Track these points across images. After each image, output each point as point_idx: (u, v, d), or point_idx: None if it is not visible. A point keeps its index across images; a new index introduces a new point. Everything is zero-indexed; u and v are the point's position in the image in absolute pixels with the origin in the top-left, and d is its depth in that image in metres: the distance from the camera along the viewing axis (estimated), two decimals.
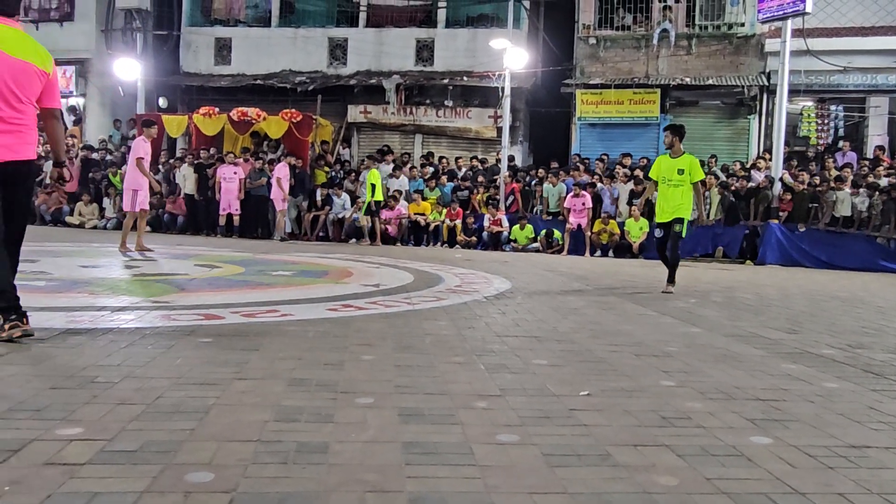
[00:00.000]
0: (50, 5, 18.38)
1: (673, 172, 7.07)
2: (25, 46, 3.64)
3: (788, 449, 2.35)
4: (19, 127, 3.62)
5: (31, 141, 3.68)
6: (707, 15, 15.39)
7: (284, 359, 3.39)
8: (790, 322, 5.36)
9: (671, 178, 7.06)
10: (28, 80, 3.64)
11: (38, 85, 3.69)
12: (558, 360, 3.65)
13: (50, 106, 3.80)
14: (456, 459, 2.15)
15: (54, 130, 3.84)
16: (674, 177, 7.05)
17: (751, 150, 15.17)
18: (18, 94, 3.60)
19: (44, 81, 3.72)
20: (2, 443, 2.11)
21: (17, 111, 3.60)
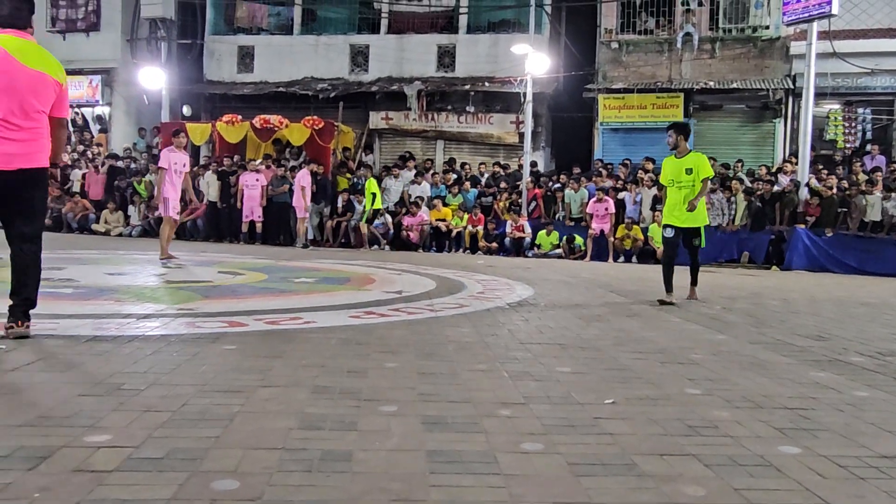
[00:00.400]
0: (77, 16, 18.76)
1: (681, 173, 6.67)
2: (41, 58, 3.75)
3: (818, 459, 2.31)
4: (35, 135, 3.72)
5: (45, 148, 3.80)
6: (731, 18, 15.23)
7: (308, 366, 3.40)
8: (818, 329, 5.27)
9: (680, 180, 6.67)
10: (44, 90, 3.74)
11: (52, 95, 3.79)
12: (582, 367, 3.62)
13: (60, 115, 3.89)
14: (480, 468, 2.13)
15: (59, 138, 3.94)
16: (682, 178, 6.65)
17: (776, 154, 14.96)
18: (35, 104, 3.70)
19: (57, 91, 3.81)
20: (31, 449, 2.13)
21: (33, 120, 3.70)
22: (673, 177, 6.75)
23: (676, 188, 6.73)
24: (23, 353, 3.47)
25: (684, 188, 6.65)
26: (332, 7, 17.92)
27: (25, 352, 3.50)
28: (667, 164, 6.93)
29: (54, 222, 15.58)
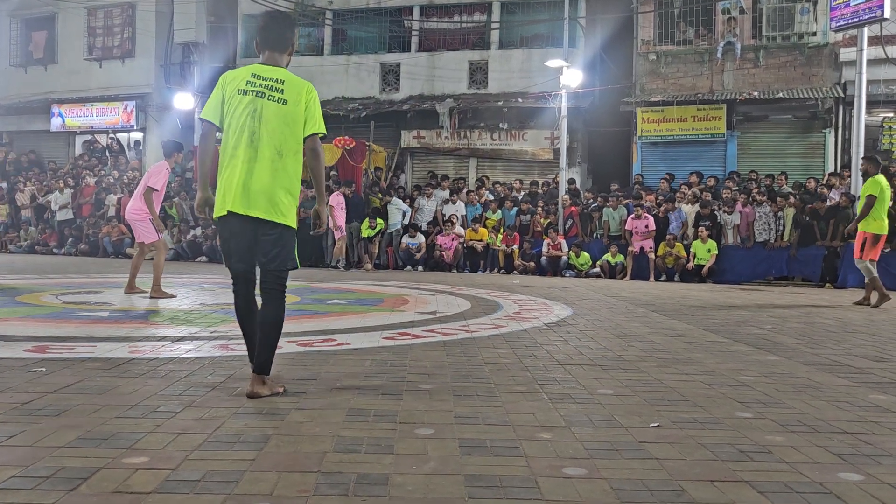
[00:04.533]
0: (113, 44, 19.40)
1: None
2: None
3: (882, 487, 2.19)
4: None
5: None
6: (775, 25, 14.91)
7: (342, 388, 3.38)
8: (878, 349, 5.03)
9: None
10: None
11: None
12: (625, 389, 3.51)
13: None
14: (521, 493, 2.08)
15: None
16: None
17: (827, 165, 14.49)
18: None
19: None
20: (72, 471, 2.18)
21: None
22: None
23: None
24: (62, 376, 3.52)
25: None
26: (362, 26, 18.13)
27: (64, 375, 3.54)
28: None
29: (91, 247, 15.96)
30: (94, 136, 19.78)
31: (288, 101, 3.25)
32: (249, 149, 3.20)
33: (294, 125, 3.27)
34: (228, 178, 3.23)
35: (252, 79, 3.28)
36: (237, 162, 3.21)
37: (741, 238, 12.55)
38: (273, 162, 3.21)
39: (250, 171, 3.20)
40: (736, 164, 14.97)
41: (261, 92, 3.25)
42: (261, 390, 3.16)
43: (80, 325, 5.35)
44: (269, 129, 3.22)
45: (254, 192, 3.19)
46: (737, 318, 6.85)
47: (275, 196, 3.21)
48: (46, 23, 20.11)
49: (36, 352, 4.14)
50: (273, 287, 3.29)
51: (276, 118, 3.23)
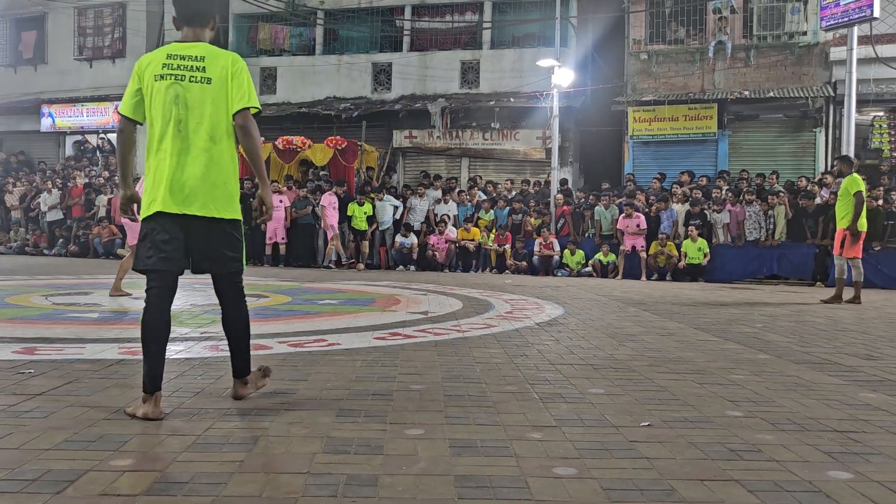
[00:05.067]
0: (103, 44, 19.32)
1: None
2: None
3: (871, 485, 2.19)
4: None
5: None
6: (765, 25, 14.95)
7: (332, 389, 3.37)
8: (867, 348, 5.06)
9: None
10: None
11: None
12: (616, 389, 3.51)
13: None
14: (511, 494, 2.08)
15: None
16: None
17: (818, 164, 14.56)
18: None
19: None
20: (59, 473, 2.17)
21: None
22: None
23: None
24: (50, 377, 3.50)
25: None
26: (353, 26, 18.10)
27: (53, 377, 3.51)
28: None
29: (81, 248, 15.87)
30: (84, 137, 19.68)
31: (213, 80, 2.91)
32: (177, 140, 2.87)
33: (224, 104, 2.93)
34: (156, 175, 2.88)
35: (168, 60, 2.91)
36: (164, 156, 2.87)
37: (732, 237, 12.60)
38: (206, 151, 2.89)
39: (181, 164, 2.86)
40: (727, 163, 15.03)
41: (180, 75, 2.90)
42: (245, 391, 3.11)
43: (70, 326, 5.31)
44: (196, 114, 2.89)
45: (188, 187, 2.86)
46: (728, 316, 6.88)
47: (213, 189, 2.89)
48: (36, 23, 20.01)
49: (24, 353, 4.11)
50: (232, 290, 3.07)
51: (202, 101, 2.90)
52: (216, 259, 2.97)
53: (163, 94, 2.88)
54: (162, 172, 2.87)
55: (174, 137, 2.87)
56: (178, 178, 2.85)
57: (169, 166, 2.86)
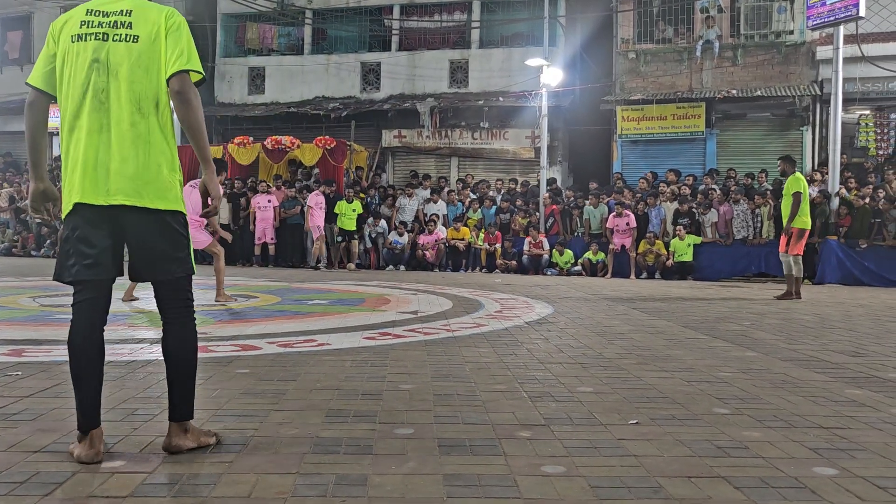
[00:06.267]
0: None
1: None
2: None
3: (856, 480, 2.22)
4: None
5: None
6: (753, 24, 15.04)
7: (322, 389, 3.37)
8: (854, 345, 5.10)
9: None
10: None
11: None
12: (605, 387, 3.53)
13: None
14: (499, 492, 2.09)
15: None
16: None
17: (805, 163, 14.66)
18: None
19: None
20: (47, 475, 2.16)
21: None
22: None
23: None
24: (38, 379, 3.48)
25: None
26: (342, 26, 18.07)
27: (41, 378, 3.50)
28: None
29: None
30: None
31: (140, 37, 2.33)
32: (97, 113, 2.32)
33: (154, 67, 2.35)
34: (72, 159, 2.34)
35: (88, 17, 2.35)
36: (81, 134, 2.32)
37: (720, 235, 12.68)
38: (134, 126, 2.32)
39: (103, 143, 2.31)
40: (715, 161, 15.11)
41: (102, 33, 2.33)
42: (183, 442, 2.40)
43: (58, 327, 5.28)
44: (119, 80, 2.32)
45: (112, 171, 2.30)
46: (716, 314, 6.92)
47: (145, 172, 2.32)
48: (22, 22, 19.85)
49: (12, 355, 4.09)
50: (176, 303, 2.45)
51: (127, 63, 2.32)
52: (154, 261, 2.39)
53: (80, 58, 2.33)
54: (78, 154, 2.32)
55: (93, 111, 2.32)
56: (99, 161, 2.31)
57: (86, 146, 2.31)
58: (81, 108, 2.33)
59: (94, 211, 2.31)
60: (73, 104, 2.34)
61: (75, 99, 2.34)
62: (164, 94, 2.37)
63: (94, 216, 2.32)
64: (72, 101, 2.35)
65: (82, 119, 2.33)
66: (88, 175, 2.31)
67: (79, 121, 2.34)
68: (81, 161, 2.32)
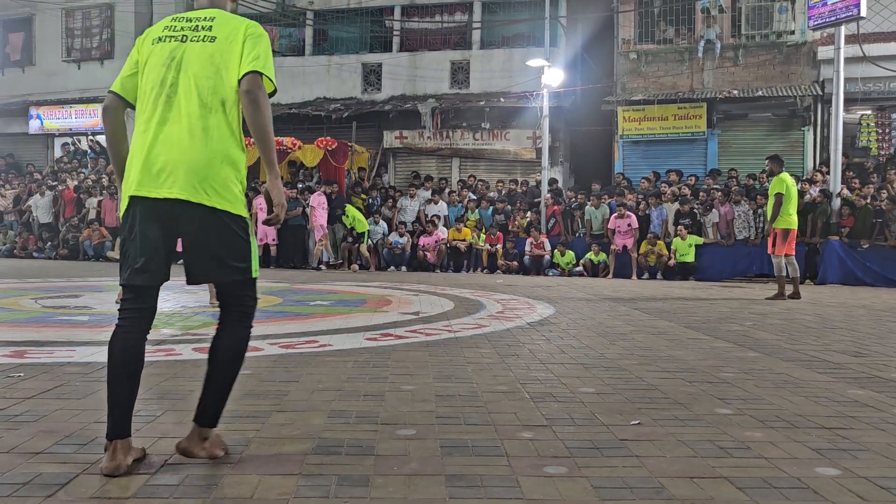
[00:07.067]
0: (91, 45, 19.20)
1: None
2: None
3: (858, 481, 2.21)
4: None
5: None
6: (754, 24, 15.03)
7: (324, 390, 3.37)
8: (856, 345, 5.09)
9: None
10: None
11: None
12: (607, 388, 3.53)
13: None
14: (502, 493, 2.09)
15: None
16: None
17: (806, 163, 14.66)
18: None
19: None
20: (49, 476, 2.16)
21: None
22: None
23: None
24: (40, 380, 3.48)
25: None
26: (343, 27, 18.08)
27: (43, 380, 3.50)
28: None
29: (71, 250, 15.79)
30: (73, 139, 19.56)
31: (217, 38, 2.30)
32: (163, 108, 2.26)
33: (227, 68, 2.28)
34: (132, 153, 2.28)
35: (173, 23, 2.37)
36: (146, 127, 2.27)
37: (721, 235, 12.67)
38: (201, 119, 2.24)
39: (164, 135, 2.23)
40: (717, 162, 15.11)
41: (182, 35, 2.32)
42: (197, 450, 2.33)
43: (60, 329, 5.29)
44: (189, 75, 2.27)
45: (170, 163, 2.21)
46: (717, 315, 6.92)
47: (206, 167, 2.22)
48: (23, 24, 19.87)
49: (14, 356, 4.09)
50: (232, 307, 2.39)
51: (199, 60, 2.28)
52: (209, 264, 2.28)
53: (156, 57, 2.32)
54: (137, 147, 2.26)
55: (159, 105, 2.27)
56: (158, 152, 2.22)
57: (148, 138, 2.25)
58: (150, 104, 2.29)
59: (149, 205, 2.22)
60: (144, 101, 2.31)
61: (146, 95, 2.31)
62: (234, 93, 2.30)
63: (148, 211, 2.22)
64: (143, 97, 2.32)
65: (148, 113, 2.28)
66: (145, 166, 2.22)
67: (144, 115, 2.30)
68: (139, 153, 2.25)
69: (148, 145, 2.23)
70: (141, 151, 2.24)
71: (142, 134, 2.27)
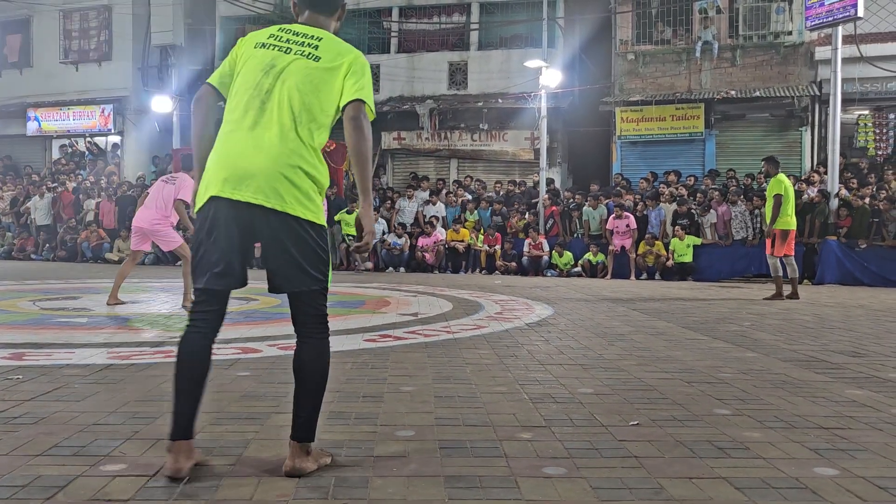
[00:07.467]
0: (89, 47, 19.19)
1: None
2: None
3: (856, 481, 2.22)
4: None
5: None
6: (751, 25, 15.05)
7: None
8: (854, 345, 5.10)
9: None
10: None
11: None
12: (605, 388, 3.53)
13: None
14: (501, 494, 2.09)
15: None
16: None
17: (804, 163, 14.69)
18: None
19: None
20: (49, 479, 2.16)
21: None
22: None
23: None
24: (39, 383, 3.47)
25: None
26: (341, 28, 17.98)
27: (41, 382, 3.49)
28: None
29: (69, 252, 15.77)
30: (71, 140, 19.54)
31: (321, 59, 2.30)
32: (254, 112, 2.26)
33: (325, 89, 2.28)
34: (216, 153, 2.27)
35: (278, 32, 2.39)
36: (234, 127, 2.27)
37: (719, 235, 12.69)
38: (290, 130, 2.23)
39: (252, 139, 2.23)
40: (714, 162, 15.14)
41: (286, 47, 2.33)
42: (306, 465, 2.26)
43: (58, 331, 5.28)
44: (287, 86, 2.26)
45: (254, 167, 2.20)
46: (716, 315, 6.93)
47: (288, 175, 2.20)
48: (21, 26, 19.84)
49: (13, 359, 4.08)
50: (309, 318, 2.35)
51: (299, 74, 2.28)
52: (288, 271, 2.26)
53: (256, 61, 2.32)
54: (223, 148, 2.26)
55: (251, 109, 2.27)
56: (242, 155, 2.22)
57: (235, 140, 2.25)
58: (242, 105, 2.28)
59: (231, 206, 2.20)
60: (235, 102, 2.31)
61: (239, 96, 2.30)
62: (325, 117, 2.30)
63: (229, 213, 2.20)
64: (235, 98, 2.31)
65: (239, 113, 2.28)
66: (231, 168, 2.21)
67: (234, 114, 2.29)
68: (226, 153, 2.24)
69: (236, 148, 2.24)
70: (227, 152, 2.24)
71: (230, 133, 2.27)
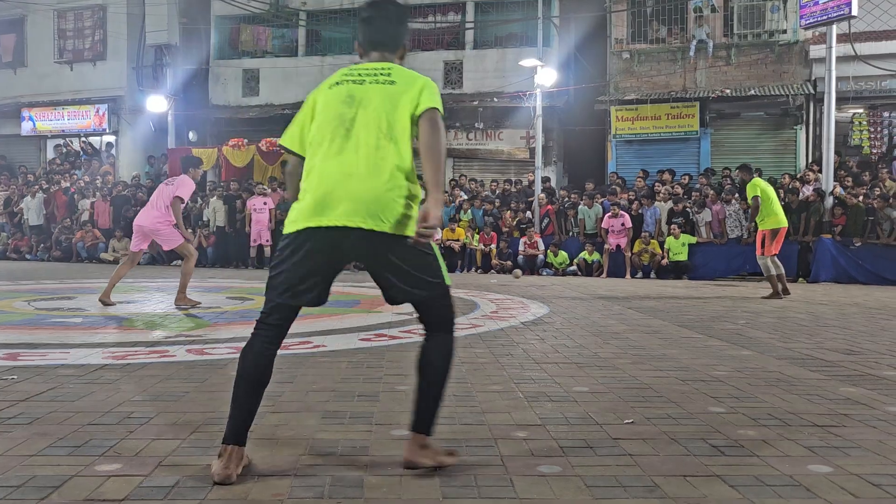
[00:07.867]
0: (83, 46, 19.12)
1: None
2: None
3: (850, 478, 2.23)
4: None
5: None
6: (746, 23, 15.06)
7: (318, 391, 3.37)
8: (848, 343, 5.12)
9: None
10: None
11: None
12: (600, 387, 3.54)
13: None
14: (495, 492, 2.09)
15: None
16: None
17: (799, 161, 14.70)
18: None
19: None
20: (43, 479, 2.16)
21: None
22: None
23: None
24: (34, 383, 3.47)
25: None
26: (336, 27, 18.03)
27: (36, 382, 3.49)
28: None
29: (64, 252, 15.72)
30: (66, 140, 19.47)
31: (396, 83, 2.38)
32: (340, 140, 2.29)
33: (403, 105, 2.34)
34: (307, 184, 2.30)
35: (349, 71, 2.48)
36: (320, 160, 2.30)
37: (714, 234, 12.72)
38: (377, 149, 2.26)
39: (343, 164, 2.25)
40: (710, 161, 15.16)
41: (360, 80, 2.41)
42: (420, 459, 2.29)
43: (53, 331, 5.27)
44: (369, 110, 2.31)
45: (346, 192, 2.22)
46: (711, 313, 6.94)
47: (385, 194, 2.23)
48: (15, 25, 19.76)
49: (7, 359, 4.07)
50: (435, 314, 2.39)
51: (378, 97, 2.34)
52: (409, 285, 2.31)
53: (334, 96, 2.38)
54: (314, 178, 2.28)
55: (336, 137, 2.30)
56: (332, 181, 2.24)
57: (325, 169, 2.27)
58: (328, 137, 2.31)
59: (322, 234, 2.23)
60: (321, 135, 2.33)
61: (323, 130, 2.33)
62: (406, 130, 2.33)
63: (321, 239, 2.24)
64: (319, 133, 2.34)
65: (326, 146, 2.30)
66: (321, 197, 2.24)
67: (321, 148, 2.31)
68: (315, 184, 2.26)
69: (325, 176, 2.26)
70: (318, 184, 2.26)
71: (318, 166, 2.29)
